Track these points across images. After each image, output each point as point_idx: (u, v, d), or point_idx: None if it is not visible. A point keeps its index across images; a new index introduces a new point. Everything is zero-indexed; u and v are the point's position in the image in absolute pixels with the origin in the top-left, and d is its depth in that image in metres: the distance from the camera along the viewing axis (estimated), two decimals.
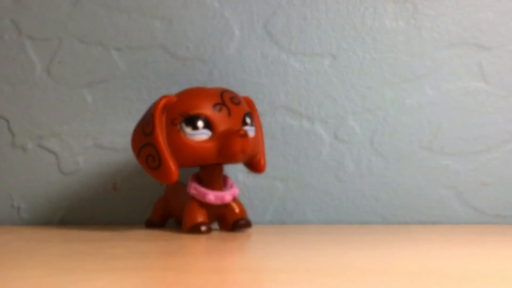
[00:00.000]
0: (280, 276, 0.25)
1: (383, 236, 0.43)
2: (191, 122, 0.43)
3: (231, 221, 0.45)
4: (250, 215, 0.52)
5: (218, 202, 0.44)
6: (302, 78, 0.53)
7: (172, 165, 0.42)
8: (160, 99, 0.43)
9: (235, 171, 0.54)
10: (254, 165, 0.46)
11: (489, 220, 0.51)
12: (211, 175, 0.45)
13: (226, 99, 0.43)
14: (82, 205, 0.54)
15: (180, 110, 0.43)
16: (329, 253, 0.33)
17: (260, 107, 0.53)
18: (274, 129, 0.53)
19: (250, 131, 0.44)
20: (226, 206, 0.45)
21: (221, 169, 0.45)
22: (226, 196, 0.44)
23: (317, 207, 0.52)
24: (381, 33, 0.52)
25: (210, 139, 0.43)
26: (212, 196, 0.44)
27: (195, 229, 0.43)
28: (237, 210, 0.45)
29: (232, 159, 0.43)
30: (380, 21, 0.52)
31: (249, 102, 0.47)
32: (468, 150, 0.51)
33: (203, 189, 0.44)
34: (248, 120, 0.44)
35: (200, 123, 0.42)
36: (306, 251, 0.34)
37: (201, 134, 0.43)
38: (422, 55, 0.52)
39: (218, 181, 0.45)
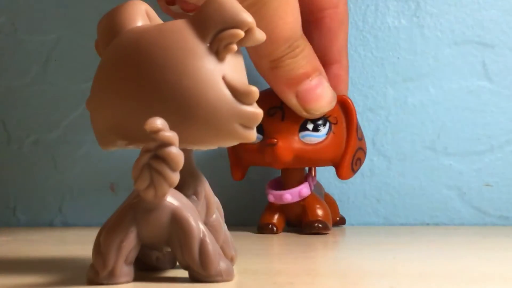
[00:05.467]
0: (280, 279, 0.25)
1: (385, 237, 0.43)
2: None
3: (303, 223, 0.44)
4: (247, 217, 0.52)
5: (278, 202, 0.44)
6: None
7: (235, 166, 0.45)
8: None
9: None
10: (337, 171, 0.44)
11: (493, 221, 0.51)
12: (283, 175, 0.45)
13: None
14: (79, 206, 0.54)
15: None
16: (330, 255, 0.33)
17: None
18: None
19: (309, 136, 0.42)
20: (302, 207, 0.44)
21: (292, 170, 0.44)
22: (285, 195, 0.43)
23: None
24: (383, 31, 0.52)
25: (261, 142, 0.43)
26: (271, 196, 0.44)
27: (260, 228, 0.44)
28: (311, 211, 0.44)
29: (272, 167, 0.43)
30: (382, 19, 0.52)
31: (343, 103, 0.44)
32: (472, 150, 0.51)
33: (268, 189, 0.44)
34: (310, 125, 0.42)
35: None
36: (306, 253, 0.34)
37: (271, 139, 0.43)
38: (425, 54, 0.52)
39: (290, 182, 0.44)
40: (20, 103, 0.54)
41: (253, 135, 0.25)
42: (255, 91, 0.24)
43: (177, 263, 0.28)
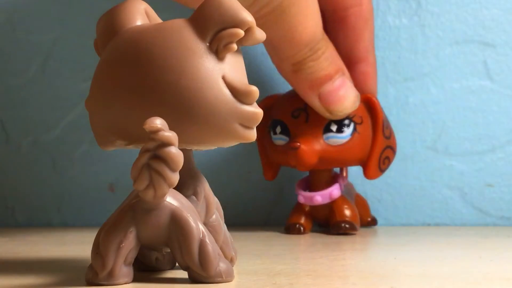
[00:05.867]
0: (280, 280, 0.25)
1: (386, 237, 0.43)
2: (273, 126, 0.44)
3: (331, 223, 0.44)
4: (252, 217, 0.52)
5: (308, 203, 0.44)
6: None
7: (266, 165, 0.46)
8: (263, 99, 0.45)
9: (234, 171, 0.53)
10: (364, 170, 0.44)
11: (494, 222, 0.50)
12: (311, 175, 0.45)
13: None
14: (78, 206, 0.53)
15: (270, 113, 0.45)
16: (330, 256, 0.33)
17: None
18: None
19: (334, 138, 0.42)
20: (329, 207, 0.44)
21: (320, 171, 0.44)
22: (316, 197, 0.43)
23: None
24: (384, 30, 0.52)
25: (286, 145, 0.43)
26: (301, 197, 0.44)
27: (287, 229, 0.44)
28: (338, 212, 0.43)
29: (297, 168, 0.43)
30: (383, 18, 0.52)
31: (368, 101, 0.43)
32: (473, 150, 0.51)
33: (298, 190, 0.44)
34: (334, 126, 0.42)
35: (278, 128, 0.43)
36: (305, 254, 0.34)
37: (279, 139, 0.44)
38: (426, 53, 0.51)
39: (319, 183, 0.44)
40: (18, 103, 0.54)
41: (253, 135, 0.25)
42: (255, 90, 0.24)
43: (177, 264, 0.28)
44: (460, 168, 0.51)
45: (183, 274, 0.25)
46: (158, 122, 0.22)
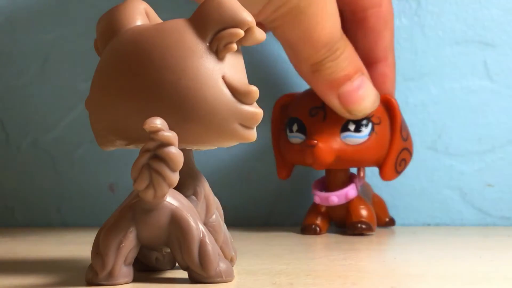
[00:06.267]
0: (280, 280, 0.25)
1: (386, 237, 0.43)
2: (290, 124, 0.44)
3: (347, 223, 0.44)
4: (252, 218, 0.52)
5: (324, 203, 0.44)
6: None
7: (281, 164, 0.46)
8: (280, 98, 0.46)
9: (234, 171, 0.53)
10: (380, 171, 0.44)
11: (494, 222, 0.50)
12: (327, 175, 0.45)
13: None
14: (78, 206, 0.53)
15: (287, 111, 0.45)
16: (330, 256, 0.33)
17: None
18: None
19: (351, 137, 0.42)
20: (346, 208, 0.44)
21: (336, 171, 0.44)
22: (331, 197, 0.43)
23: None
24: None
25: (302, 143, 0.43)
26: (317, 197, 0.44)
27: (303, 229, 0.44)
28: (354, 212, 0.43)
29: (313, 168, 0.43)
30: None
31: (387, 102, 0.43)
32: (473, 150, 0.51)
33: (314, 190, 0.44)
34: (352, 126, 0.42)
35: (295, 126, 0.43)
36: (305, 254, 0.34)
37: (295, 138, 0.43)
38: (426, 53, 0.51)
39: (335, 183, 0.44)
40: (18, 103, 0.54)
41: (253, 135, 0.25)
42: (255, 90, 0.24)
43: (177, 264, 0.28)
44: (460, 168, 0.51)
45: (183, 274, 0.25)
46: (158, 122, 0.22)
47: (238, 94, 0.24)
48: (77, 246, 0.39)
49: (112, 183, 0.53)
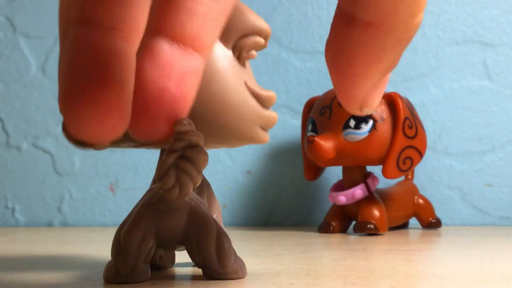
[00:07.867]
0: (280, 280, 0.25)
1: (386, 237, 0.42)
2: (308, 124, 0.46)
3: (356, 223, 0.44)
4: (252, 218, 0.52)
5: (335, 202, 0.44)
6: (303, 77, 0.52)
7: (307, 165, 0.47)
8: (307, 101, 0.48)
9: (234, 171, 0.53)
10: (382, 169, 0.44)
11: (494, 222, 0.50)
12: (342, 175, 0.46)
13: (335, 101, 0.43)
14: (78, 206, 0.53)
15: (310, 113, 0.46)
16: (330, 256, 0.33)
17: None
18: (274, 128, 0.52)
19: (351, 134, 0.42)
20: (356, 208, 0.44)
21: (349, 169, 0.45)
22: (339, 197, 0.44)
23: (319, 210, 0.52)
24: None
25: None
26: (330, 197, 0.45)
27: (320, 228, 0.45)
28: (362, 212, 0.43)
29: (317, 163, 0.44)
30: None
31: (391, 99, 0.43)
32: (473, 150, 0.51)
33: (331, 190, 0.45)
34: (352, 122, 0.42)
35: (310, 126, 0.45)
36: (305, 254, 0.34)
37: (310, 135, 0.44)
38: (426, 53, 0.51)
39: (347, 182, 0.45)
40: (18, 103, 0.54)
41: (268, 138, 0.26)
42: (275, 96, 0.25)
43: (177, 262, 0.28)
44: (460, 168, 0.51)
45: (191, 272, 0.25)
46: (186, 123, 0.22)
47: (260, 99, 0.24)
48: (77, 246, 0.39)
49: (112, 183, 0.53)
